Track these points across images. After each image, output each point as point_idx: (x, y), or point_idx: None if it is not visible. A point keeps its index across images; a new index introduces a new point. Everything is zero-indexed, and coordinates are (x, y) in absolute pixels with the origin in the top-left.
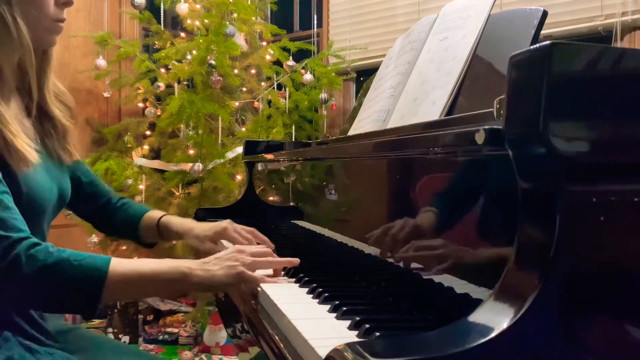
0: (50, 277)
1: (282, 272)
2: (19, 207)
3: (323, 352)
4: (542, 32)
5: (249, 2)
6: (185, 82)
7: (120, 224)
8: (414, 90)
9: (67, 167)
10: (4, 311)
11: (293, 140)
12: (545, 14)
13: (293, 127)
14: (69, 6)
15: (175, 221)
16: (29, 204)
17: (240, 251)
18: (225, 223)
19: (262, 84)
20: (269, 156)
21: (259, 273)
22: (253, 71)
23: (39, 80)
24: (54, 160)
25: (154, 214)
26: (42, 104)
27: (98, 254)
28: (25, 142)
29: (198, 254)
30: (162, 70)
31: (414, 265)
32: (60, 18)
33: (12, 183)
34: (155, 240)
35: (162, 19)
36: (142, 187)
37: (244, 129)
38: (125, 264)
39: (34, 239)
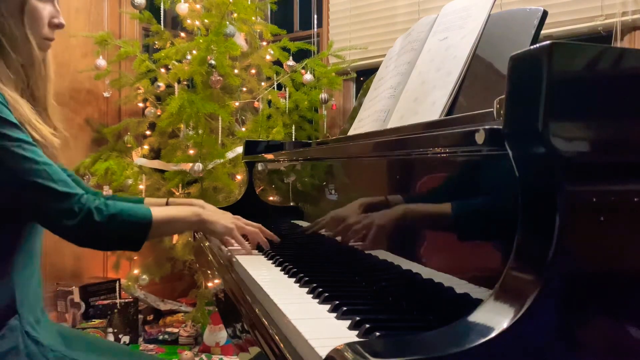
0: (115, 223)
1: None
2: None
3: (323, 352)
4: (542, 32)
5: (249, 2)
6: (185, 82)
7: None
8: (414, 90)
9: None
10: (10, 301)
11: (293, 140)
12: (545, 14)
13: (293, 127)
14: (60, 28)
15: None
16: None
17: (237, 218)
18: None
19: (262, 84)
20: (269, 156)
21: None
22: (253, 71)
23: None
24: None
25: (156, 199)
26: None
27: (136, 204)
28: (47, 130)
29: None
30: (162, 70)
31: (414, 265)
32: (49, 37)
33: None
34: None
35: (162, 19)
36: (142, 187)
37: (244, 129)
38: (159, 210)
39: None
